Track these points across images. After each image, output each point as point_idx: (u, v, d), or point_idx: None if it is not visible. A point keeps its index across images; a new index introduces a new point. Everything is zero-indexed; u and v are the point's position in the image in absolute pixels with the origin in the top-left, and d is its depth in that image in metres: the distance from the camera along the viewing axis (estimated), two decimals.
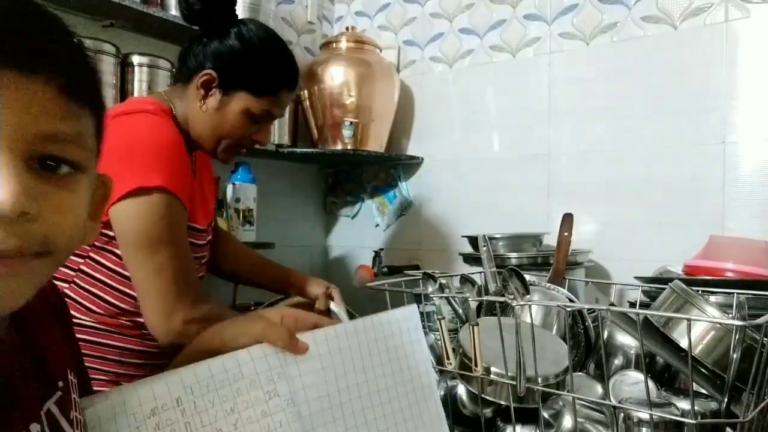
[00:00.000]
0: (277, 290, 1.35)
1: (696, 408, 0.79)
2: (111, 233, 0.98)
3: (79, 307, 1.00)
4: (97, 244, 1.00)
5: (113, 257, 1.00)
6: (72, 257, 1.00)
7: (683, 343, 0.86)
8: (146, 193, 0.94)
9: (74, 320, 1.02)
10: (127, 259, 0.97)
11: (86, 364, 0.94)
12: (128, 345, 1.03)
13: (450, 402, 0.99)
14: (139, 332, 1.03)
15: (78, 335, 0.99)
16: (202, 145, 1.11)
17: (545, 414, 0.89)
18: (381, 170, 2.03)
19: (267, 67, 1.07)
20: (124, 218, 0.95)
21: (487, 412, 0.96)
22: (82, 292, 1.00)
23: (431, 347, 1.09)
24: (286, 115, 1.84)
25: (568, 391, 0.87)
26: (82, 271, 1.00)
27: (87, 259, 1.00)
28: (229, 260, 1.35)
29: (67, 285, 1.00)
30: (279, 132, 1.83)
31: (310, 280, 1.31)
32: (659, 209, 1.48)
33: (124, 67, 1.43)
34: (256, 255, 1.40)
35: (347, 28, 1.92)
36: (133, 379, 1.09)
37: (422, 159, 1.93)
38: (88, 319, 1.01)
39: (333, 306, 1.30)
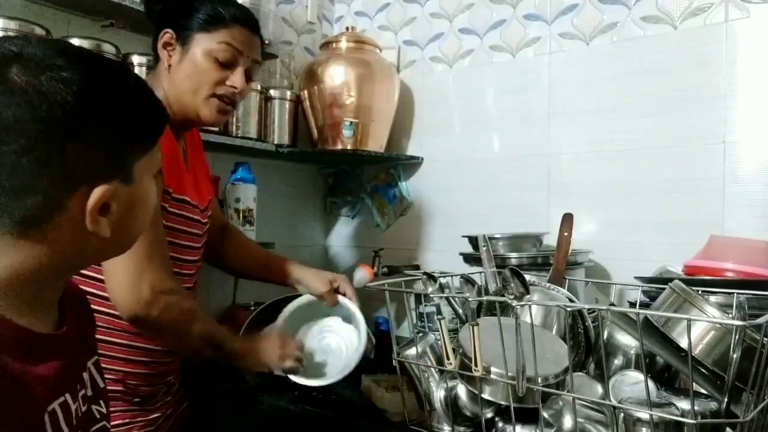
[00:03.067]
0: (284, 285, 1.35)
1: (696, 408, 0.79)
2: None
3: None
4: None
5: None
6: None
7: (683, 343, 0.86)
8: None
9: None
10: None
11: None
12: (136, 343, 1.02)
13: (450, 402, 0.99)
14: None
15: None
16: (185, 113, 1.08)
17: (545, 414, 0.89)
18: (381, 170, 2.03)
19: (209, 1, 1.07)
20: None
21: (487, 412, 0.96)
22: (85, 280, 0.97)
23: (432, 347, 1.09)
24: (286, 115, 1.84)
25: (568, 391, 0.87)
26: None
27: None
28: (235, 257, 1.35)
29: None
30: (279, 132, 1.83)
31: (314, 276, 1.30)
32: (659, 209, 1.48)
33: None
34: (261, 250, 1.39)
35: (347, 28, 1.92)
36: (141, 379, 1.08)
37: (422, 159, 1.93)
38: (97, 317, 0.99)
39: (342, 300, 1.29)
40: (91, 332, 0.71)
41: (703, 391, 0.87)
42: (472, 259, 1.50)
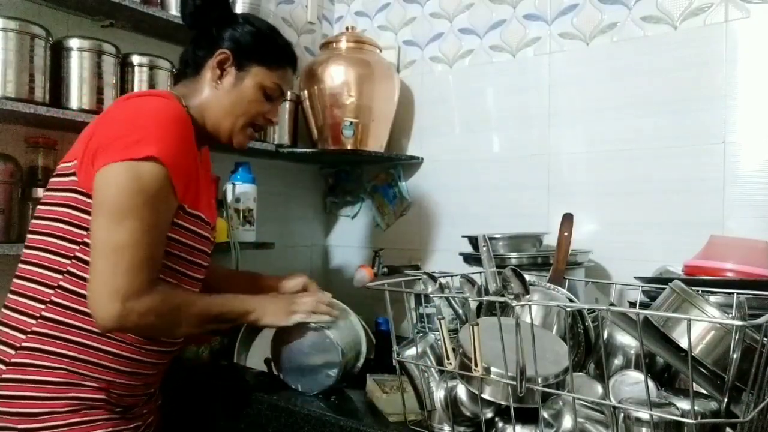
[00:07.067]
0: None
1: (696, 408, 0.79)
2: None
3: (76, 298, 0.96)
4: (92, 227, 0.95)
5: None
6: (66, 244, 0.96)
7: (683, 343, 0.86)
8: (133, 160, 0.91)
9: (72, 324, 0.98)
10: (94, 227, 0.93)
11: (79, 370, 0.94)
12: (124, 353, 1.00)
13: (450, 402, 0.99)
14: (135, 339, 1.01)
15: (76, 338, 0.97)
16: (218, 132, 1.12)
17: (545, 414, 0.89)
18: (381, 170, 2.03)
19: (275, 42, 1.15)
20: (103, 184, 0.92)
21: (487, 412, 0.96)
22: (78, 281, 0.96)
23: (432, 347, 1.09)
24: (286, 115, 1.84)
25: (568, 391, 0.87)
26: (78, 258, 0.96)
27: (82, 246, 0.96)
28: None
29: (61, 276, 0.96)
30: (279, 132, 1.83)
31: (284, 279, 1.30)
32: (659, 209, 1.49)
33: (124, 67, 1.43)
34: (224, 268, 1.41)
35: (347, 28, 1.92)
36: (124, 389, 1.07)
37: (422, 159, 1.93)
38: (84, 321, 0.97)
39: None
40: None
41: (703, 391, 0.87)
42: (472, 259, 1.50)
